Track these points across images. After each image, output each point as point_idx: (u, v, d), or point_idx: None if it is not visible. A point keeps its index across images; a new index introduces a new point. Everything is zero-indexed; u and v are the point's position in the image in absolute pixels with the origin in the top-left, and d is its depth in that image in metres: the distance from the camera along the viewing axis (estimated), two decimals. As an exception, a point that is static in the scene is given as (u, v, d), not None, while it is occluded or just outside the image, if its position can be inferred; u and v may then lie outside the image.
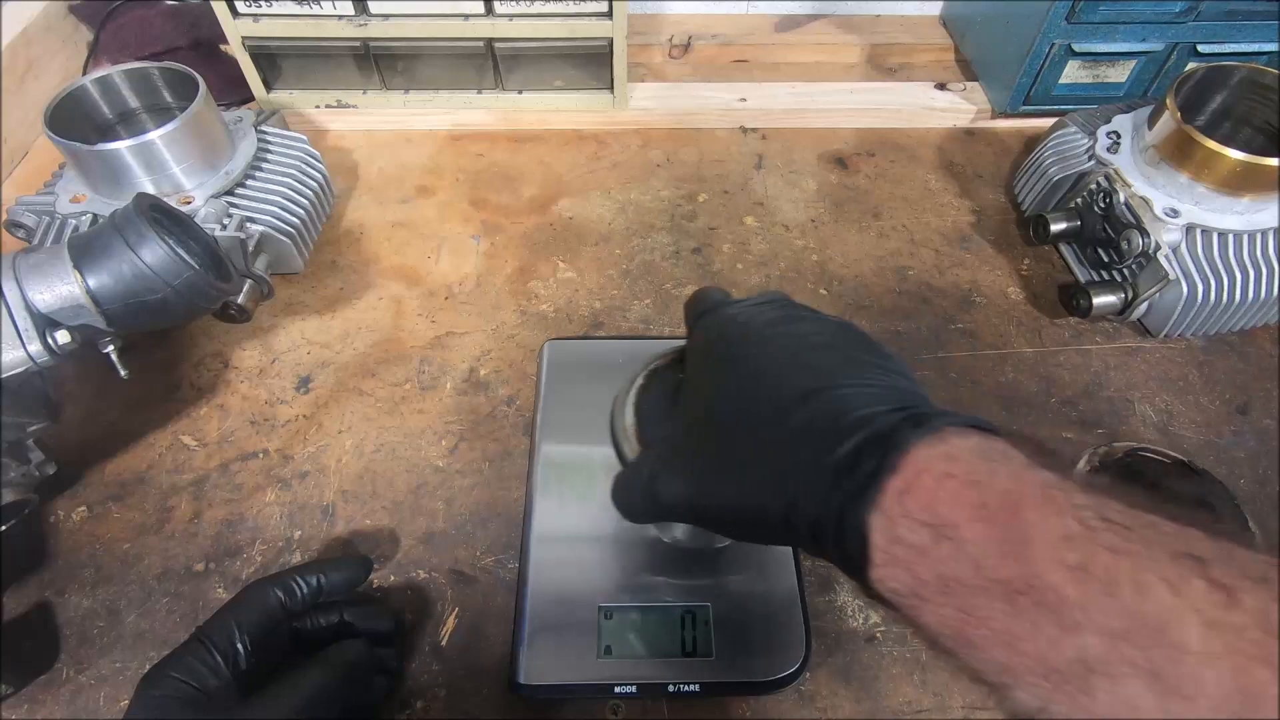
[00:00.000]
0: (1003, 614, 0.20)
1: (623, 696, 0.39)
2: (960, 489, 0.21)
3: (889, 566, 0.22)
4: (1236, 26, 0.62)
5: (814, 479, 0.24)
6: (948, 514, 0.21)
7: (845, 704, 0.40)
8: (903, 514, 0.22)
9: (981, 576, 0.20)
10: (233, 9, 0.62)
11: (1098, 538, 0.19)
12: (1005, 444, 0.23)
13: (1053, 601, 0.19)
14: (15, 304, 0.37)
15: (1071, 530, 0.20)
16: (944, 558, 0.21)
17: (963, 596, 0.21)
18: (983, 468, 0.22)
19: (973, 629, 0.21)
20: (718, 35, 0.81)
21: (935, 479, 0.22)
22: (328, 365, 0.54)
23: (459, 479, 0.48)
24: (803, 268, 0.60)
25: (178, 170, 0.51)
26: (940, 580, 0.21)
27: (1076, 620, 0.19)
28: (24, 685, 0.40)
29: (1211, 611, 0.17)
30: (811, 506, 0.24)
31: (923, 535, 0.21)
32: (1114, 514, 0.20)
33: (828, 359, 0.27)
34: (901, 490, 0.22)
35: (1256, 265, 0.51)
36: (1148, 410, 0.52)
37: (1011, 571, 0.20)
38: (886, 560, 0.22)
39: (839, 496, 0.23)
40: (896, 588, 0.22)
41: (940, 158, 0.69)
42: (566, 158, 0.69)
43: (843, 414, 0.25)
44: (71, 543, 0.45)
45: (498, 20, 0.64)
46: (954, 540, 0.21)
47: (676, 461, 0.30)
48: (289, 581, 0.37)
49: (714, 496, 0.28)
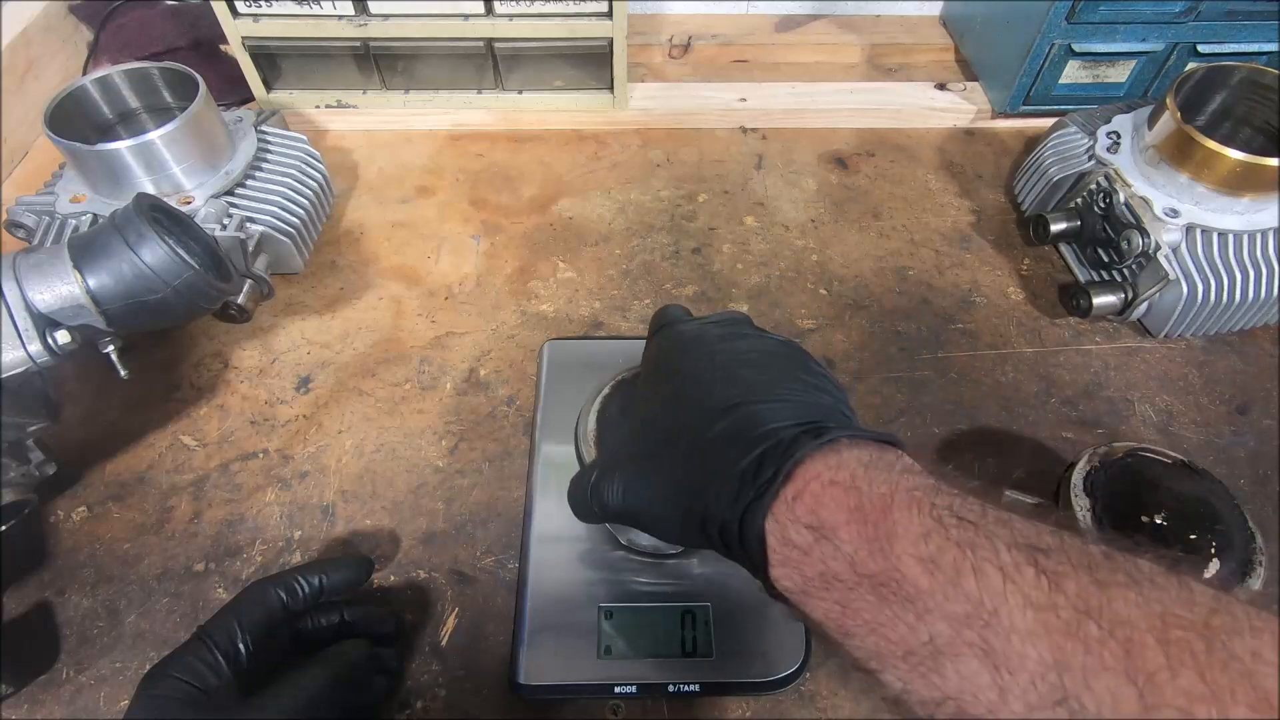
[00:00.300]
0: (871, 605, 0.22)
1: (623, 696, 0.39)
2: (841, 494, 0.23)
3: (782, 566, 0.24)
4: (1236, 26, 0.62)
5: (723, 486, 0.26)
6: (828, 517, 0.23)
7: (845, 704, 0.40)
8: (791, 518, 0.24)
9: (854, 572, 0.22)
10: (233, 9, 0.62)
11: (949, 533, 0.21)
12: (895, 454, 0.25)
13: (910, 592, 0.21)
14: (15, 304, 0.37)
15: (928, 527, 0.22)
16: (825, 556, 0.23)
17: (840, 591, 0.23)
18: (864, 475, 0.24)
19: (849, 620, 0.23)
20: (718, 35, 0.81)
21: (822, 486, 0.24)
22: (328, 365, 0.54)
23: (459, 479, 0.48)
24: (803, 268, 0.60)
25: (178, 170, 0.51)
26: (822, 577, 0.23)
27: (928, 607, 0.21)
28: (24, 685, 0.40)
29: (1036, 595, 0.20)
30: (720, 512, 0.26)
31: (807, 537, 0.23)
32: (968, 512, 0.22)
33: (756, 375, 0.29)
34: (793, 497, 0.24)
35: (1256, 265, 0.51)
36: (1148, 410, 0.52)
37: (878, 565, 0.22)
38: (779, 560, 0.24)
39: (742, 503, 0.25)
40: (789, 585, 0.24)
41: (940, 158, 0.69)
42: (566, 158, 0.69)
43: (756, 426, 0.26)
44: (71, 543, 0.45)
45: (498, 20, 0.64)
46: (832, 541, 0.23)
47: (615, 466, 0.32)
48: (291, 581, 0.37)
49: (642, 500, 0.30)
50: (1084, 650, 0.18)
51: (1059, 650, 0.19)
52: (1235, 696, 0.17)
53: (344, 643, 0.37)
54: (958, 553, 0.21)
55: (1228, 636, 0.18)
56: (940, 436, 0.50)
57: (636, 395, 0.34)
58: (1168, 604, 0.19)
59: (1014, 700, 0.19)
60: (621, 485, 0.31)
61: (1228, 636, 0.18)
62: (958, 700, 0.20)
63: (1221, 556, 0.38)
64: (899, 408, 0.51)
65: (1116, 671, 0.18)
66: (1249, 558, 0.38)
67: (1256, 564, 0.38)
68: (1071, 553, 0.20)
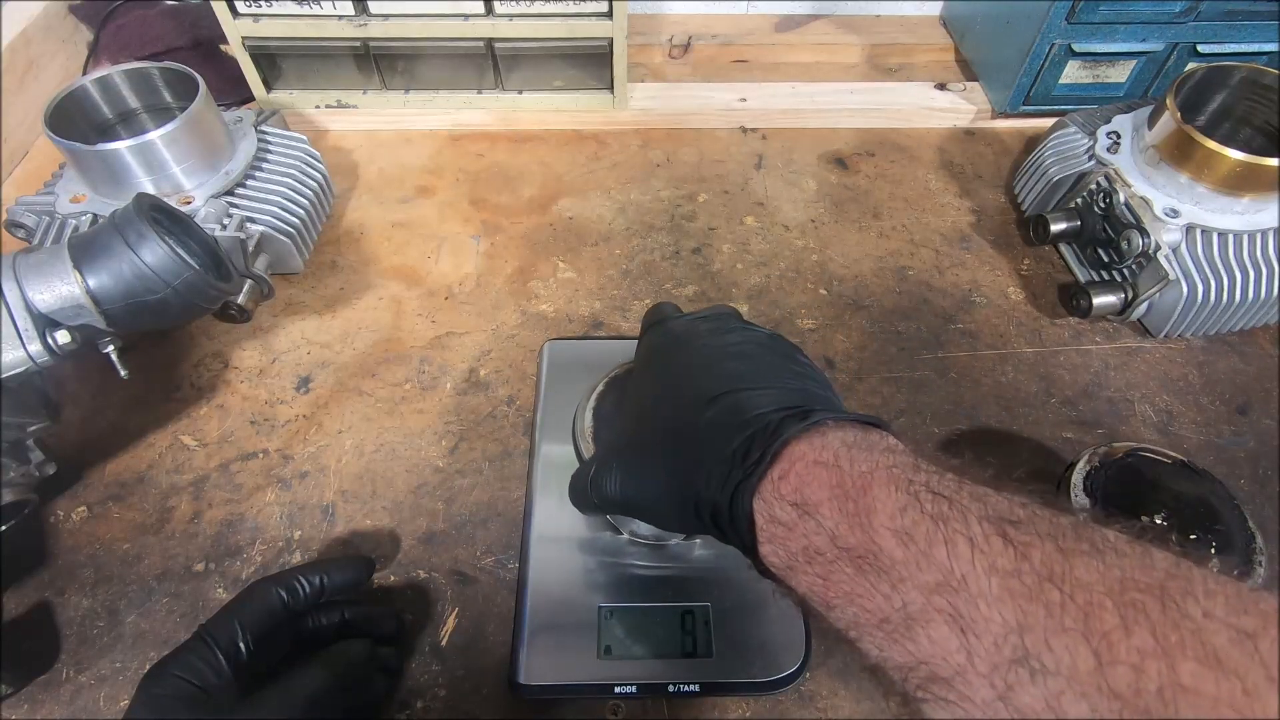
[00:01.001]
0: (850, 577, 0.23)
1: (623, 696, 0.39)
2: (824, 474, 0.24)
3: (769, 543, 0.26)
4: (1236, 26, 0.62)
5: (713, 470, 0.27)
6: (811, 495, 0.24)
7: (845, 704, 0.40)
8: (776, 496, 0.25)
9: (834, 546, 0.24)
10: (233, 9, 0.62)
11: (924, 507, 0.22)
12: (879, 435, 0.26)
13: (885, 564, 0.22)
14: (15, 304, 0.37)
15: (904, 502, 0.23)
16: (808, 532, 0.24)
17: (822, 565, 0.24)
18: (846, 455, 0.25)
19: (830, 592, 0.24)
20: (718, 35, 0.81)
21: (806, 466, 0.25)
22: (328, 365, 0.54)
23: (459, 479, 0.48)
24: (803, 268, 0.60)
25: (178, 170, 0.51)
26: (805, 551, 0.24)
27: (902, 577, 0.22)
28: (24, 685, 0.40)
29: (1002, 563, 0.21)
30: (712, 494, 0.27)
31: (791, 514, 0.25)
32: (943, 487, 0.23)
33: (743, 366, 0.30)
34: (779, 476, 0.25)
35: (1256, 265, 0.51)
36: (1148, 410, 0.52)
37: (857, 539, 0.23)
38: (766, 538, 0.26)
39: (731, 484, 0.26)
40: (775, 561, 0.26)
41: (940, 158, 0.69)
42: (566, 158, 0.69)
43: (743, 412, 0.28)
44: (71, 543, 0.45)
45: (498, 20, 0.64)
46: (815, 517, 0.24)
47: (613, 458, 0.33)
48: (292, 581, 0.37)
49: (639, 489, 0.31)
50: (1045, 613, 0.19)
51: (1022, 613, 0.20)
52: (1185, 653, 0.18)
53: (344, 642, 0.37)
54: (931, 525, 0.22)
55: (1181, 598, 0.19)
56: (940, 436, 0.50)
57: (630, 389, 0.35)
58: (1127, 569, 0.19)
59: (979, 661, 0.20)
60: (619, 476, 0.32)
61: (1181, 598, 0.19)
62: (929, 664, 0.21)
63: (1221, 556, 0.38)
64: (899, 408, 0.51)
65: (1075, 632, 0.19)
66: (1249, 558, 0.38)
67: (1256, 564, 0.38)
68: (1040, 524, 0.21)
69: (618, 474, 0.32)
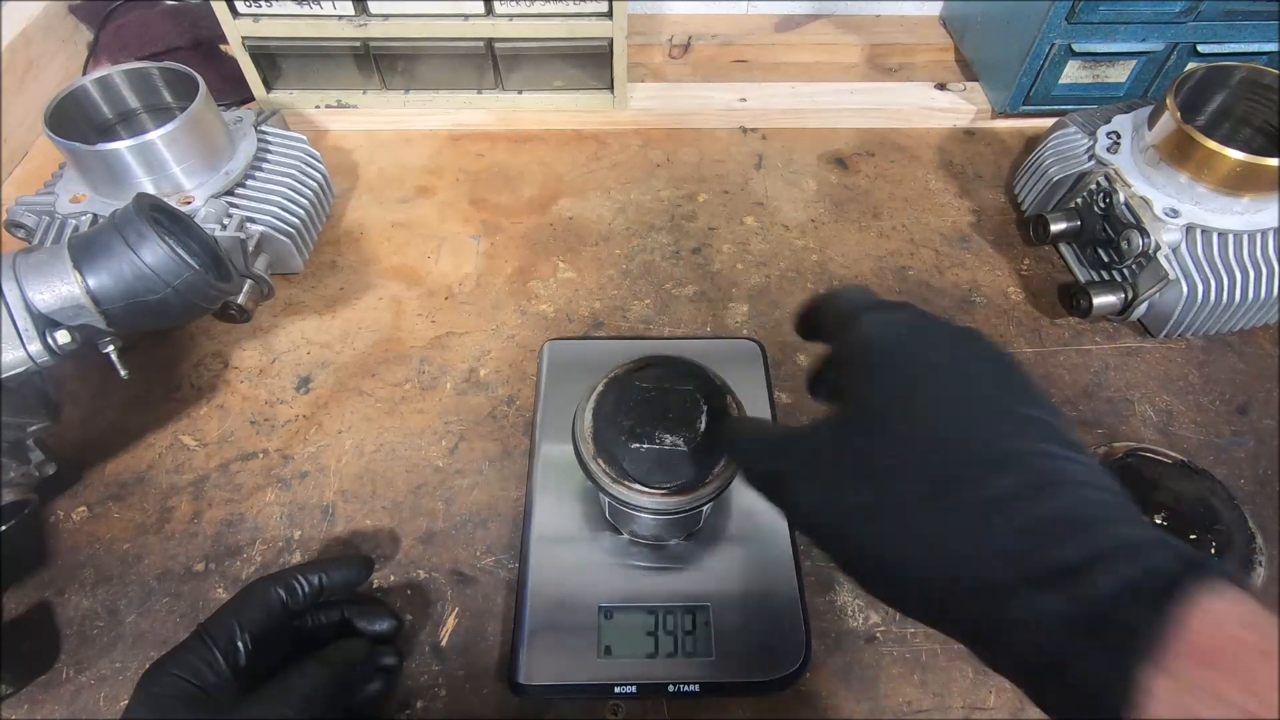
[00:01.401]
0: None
1: (623, 696, 0.39)
2: (1258, 661, 0.18)
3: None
4: (1236, 26, 0.62)
5: (1011, 576, 0.21)
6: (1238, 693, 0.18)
7: (845, 704, 0.40)
8: (1196, 684, 0.19)
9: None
10: (233, 9, 0.62)
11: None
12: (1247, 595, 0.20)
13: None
14: (15, 304, 0.37)
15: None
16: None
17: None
18: (1271, 634, 0.19)
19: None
20: (718, 35, 0.81)
21: (1232, 645, 0.19)
22: (328, 365, 0.54)
23: (459, 479, 0.48)
24: (803, 268, 0.60)
25: (178, 170, 0.51)
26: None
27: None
28: (24, 685, 0.40)
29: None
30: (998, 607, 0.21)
31: (1216, 709, 0.18)
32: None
33: (1004, 401, 0.25)
34: (1186, 653, 0.19)
35: (1256, 265, 0.51)
36: (1148, 410, 0.52)
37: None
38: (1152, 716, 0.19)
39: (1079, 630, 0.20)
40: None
41: (940, 158, 0.69)
42: (566, 158, 0.69)
43: (1057, 504, 0.22)
44: (71, 543, 0.45)
45: (498, 20, 0.64)
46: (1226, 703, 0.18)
47: (824, 471, 0.26)
48: (291, 580, 0.37)
49: (859, 530, 0.25)
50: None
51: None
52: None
53: (344, 642, 0.37)
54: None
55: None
56: (940, 436, 0.50)
57: (848, 396, 0.28)
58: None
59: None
60: (821, 494, 0.26)
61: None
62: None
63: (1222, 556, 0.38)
64: (899, 408, 0.51)
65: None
66: (1249, 558, 0.38)
67: (1256, 564, 0.38)
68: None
69: (827, 495, 0.26)
